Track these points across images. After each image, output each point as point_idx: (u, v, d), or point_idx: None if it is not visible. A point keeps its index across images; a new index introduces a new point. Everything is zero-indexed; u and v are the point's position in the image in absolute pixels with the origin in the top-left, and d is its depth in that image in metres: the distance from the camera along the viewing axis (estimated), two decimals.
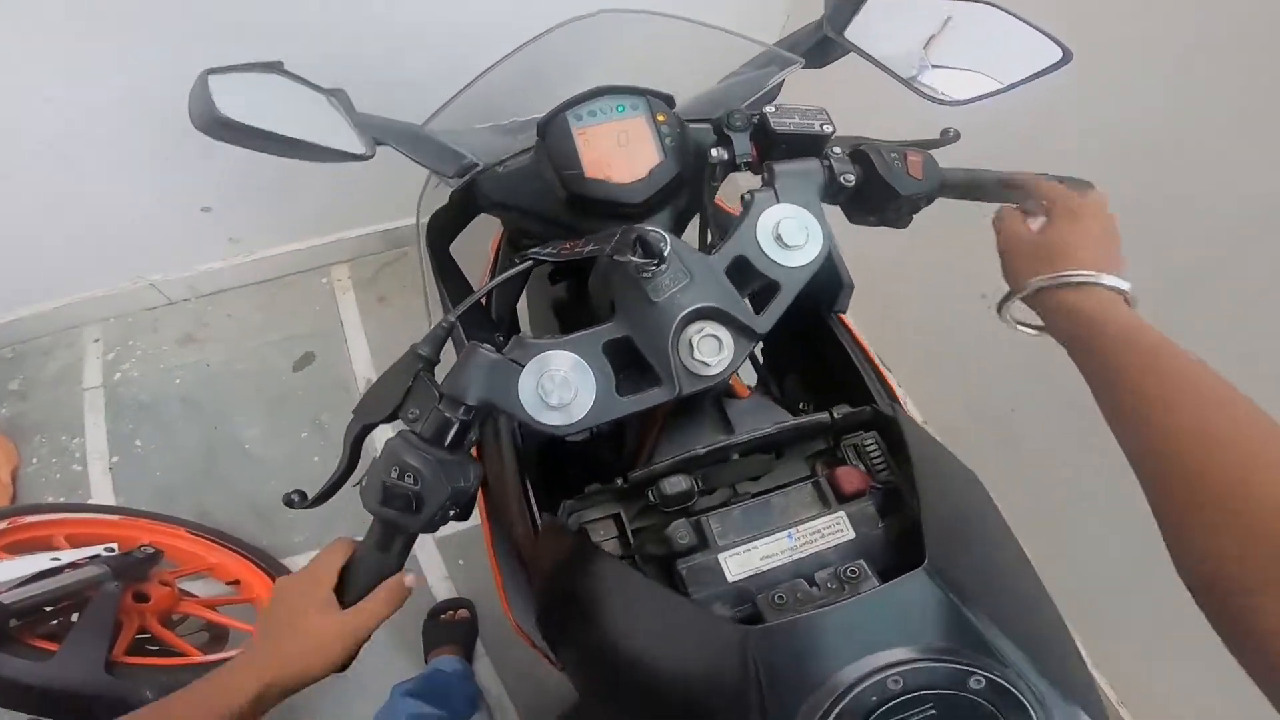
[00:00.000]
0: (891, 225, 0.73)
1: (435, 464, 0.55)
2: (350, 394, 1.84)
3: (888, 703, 0.46)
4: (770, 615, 0.55)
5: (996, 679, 0.47)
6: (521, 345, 0.57)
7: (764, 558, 0.59)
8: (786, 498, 0.63)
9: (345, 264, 2.03)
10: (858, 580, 0.56)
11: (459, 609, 1.58)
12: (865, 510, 0.62)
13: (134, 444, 1.77)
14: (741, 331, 0.61)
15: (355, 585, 0.59)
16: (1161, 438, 0.46)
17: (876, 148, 0.70)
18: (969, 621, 0.50)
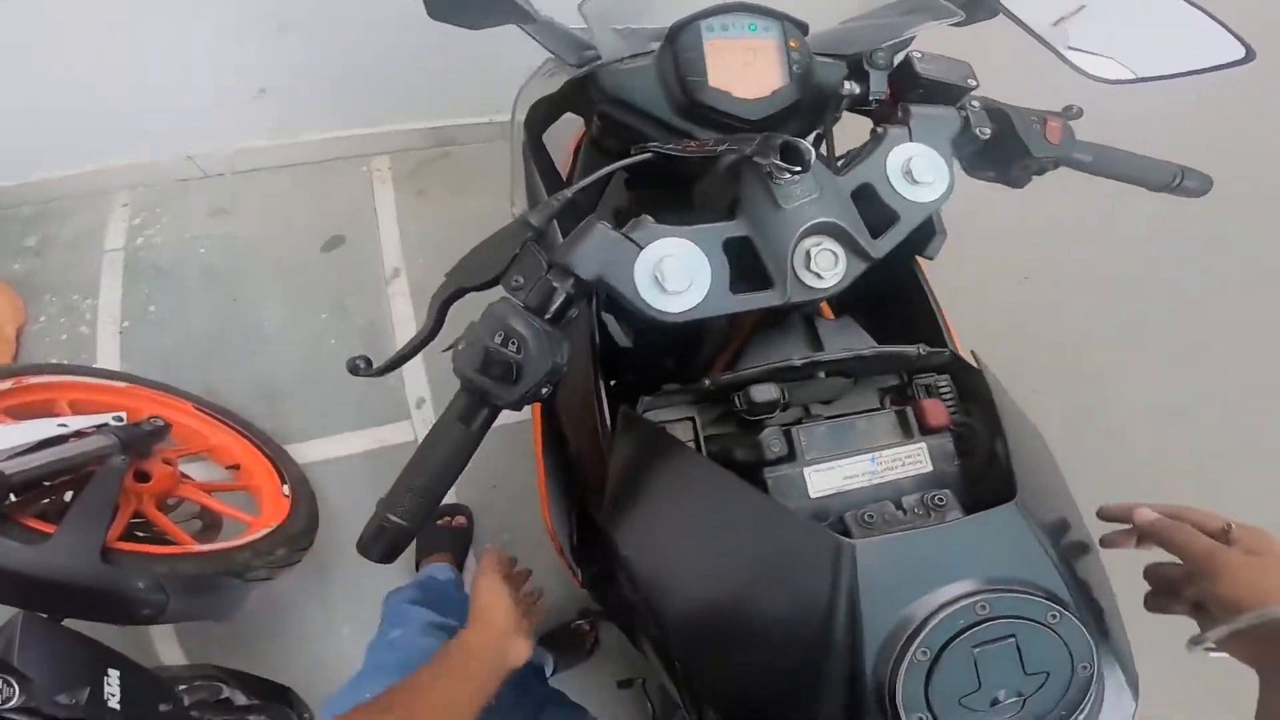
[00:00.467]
0: (1010, 184, 0.74)
1: (540, 334, 0.54)
2: (376, 281, 1.83)
3: (974, 626, 0.48)
4: (858, 533, 0.56)
5: (1070, 616, 0.49)
6: (643, 226, 0.58)
7: (846, 478, 0.60)
8: (870, 422, 0.64)
9: (387, 155, 2.00)
10: (944, 509, 0.58)
11: (456, 515, 1.58)
12: (945, 446, 0.63)
13: (148, 309, 1.75)
14: (857, 252, 0.62)
15: (431, 457, 0.57)
16: None
17: (1016, 109, 0.71)
18: (1050, 559, 0.52)
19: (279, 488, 1.45)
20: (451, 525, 1.56)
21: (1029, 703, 0.49)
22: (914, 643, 0.47)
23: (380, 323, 1.77)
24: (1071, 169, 0.73)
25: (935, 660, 0.47)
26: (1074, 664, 0.49)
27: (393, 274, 1.84)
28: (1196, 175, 0.77)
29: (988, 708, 0.48)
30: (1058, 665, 0.49)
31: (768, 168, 0.57)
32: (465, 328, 0.56)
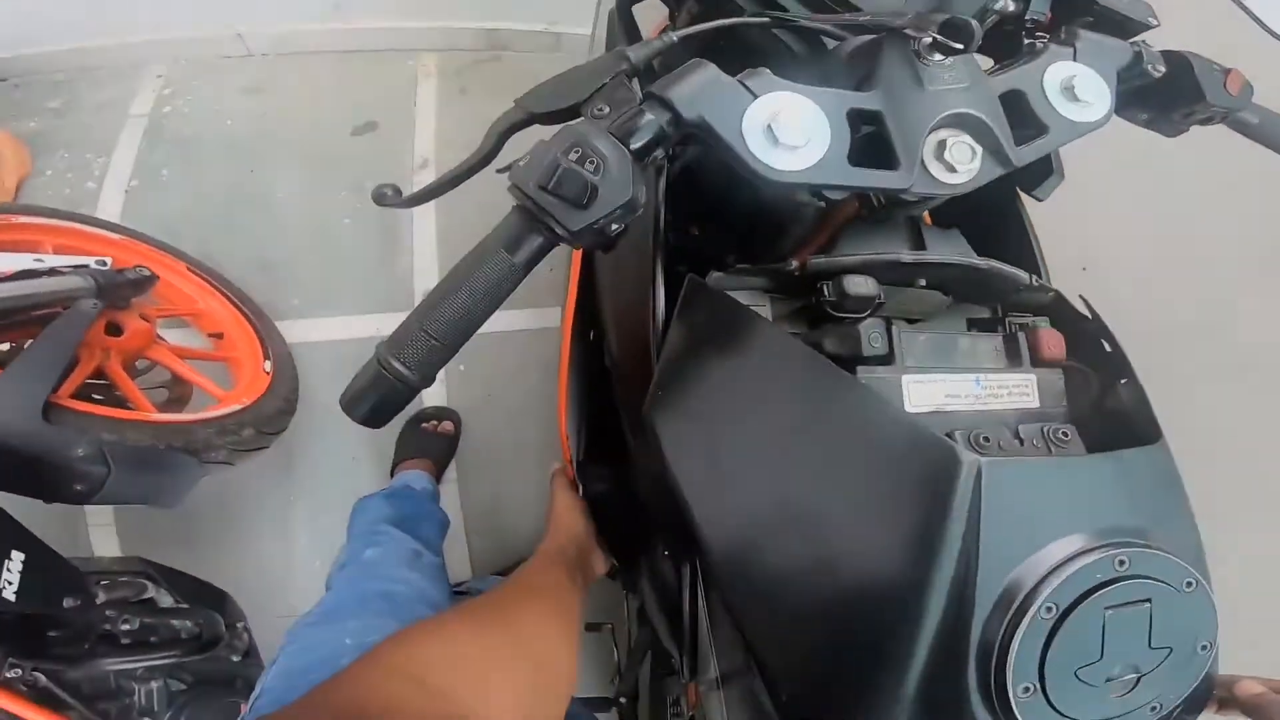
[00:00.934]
0: (1163, 131, 0.68)
1: (624, 158, 0.46)
2: (404, 168, 1.76)
3: (1110, 584, 0.40)
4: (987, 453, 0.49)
5: (1205, 586, 0.43)
6: (759, 75, 0.49)
7: (948, 395, 0.52)
8: (974, 343, 0.56)
9: (436, 53, 1.93)
10: (1068, 445, 0.50)
11: (444, 419, 1.48)
12: (1056, 383, 0.56)
13: (160, 172, 1.68)
14: (995, 154, 0.53)
15: (456, 292, 0.47)
16: None
17: (1197, 55, 0.64)
18: (1190, 519, 0.46)
19: (260, 364, 1.34)
20: (437, 430, 1.47)
21: (1143, 683, 0.42)
22: (1038, 596, 0.40)
23: (395, 216, 1.68)
24: (1233, 129, 0.68)
25: (1061, 619, 0.40)
26: (1196, 641, 0.43)
27: (421, 164, 1.77)
28: None
29: (1102, 683, 0.41)
30: (1183, 640, 0.42)
31: (920, 43, 0.50)
32: (532, 146, 0.47)
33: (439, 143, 1.79)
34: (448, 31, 1.90)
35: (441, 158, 1.77)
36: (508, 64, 1.94)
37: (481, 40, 1.93)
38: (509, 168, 0.48)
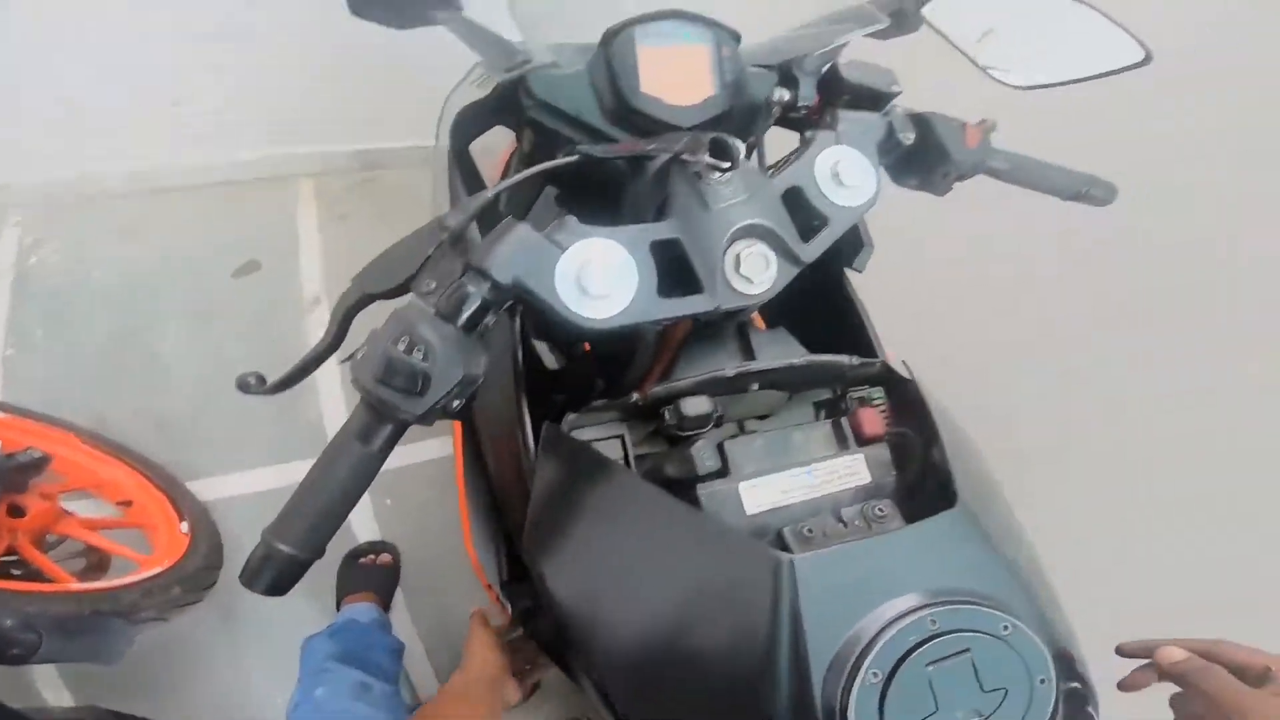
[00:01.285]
0: (932, 191, 0.75)
1: (452, 341, 0.49)
2: (294, 308, 1.73)
3: (925, 642, 0.45)
4: (798, 548, 0.54)
5: (1022, 628, 0.47)
6: (565, 227, 0.53)
7: (783, 492, 0.58)
8: (806, 435, 0.62)
9: (311, 178, 1.93)
10: (885, 520, 0.56)
11: (381, 552, 1.49)
12: (881, 456, 0.62)
13: (35, 334, 1.62)
14: (787, 256, 0.60)
15: (325, 479, 0.51)
16: None
17: (939, 115, 0.72)
18: (998, 568, 0.51)
19: (176, 525, 1.33)
20: (376, 563, 1.46)
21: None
22: (864, 663, 0.45)
23: (295, 355, 1.64)
24: (989, 176, 0.76)
25: (888, 681, 0.44)
26: (1031, 677, 0.47)
27: (313, 301, 1.75)
28: (1102, 184, 0.80)
29: None
30: (1015, 680, 0.46)
31: (696, 166, 0.56)
32: (367, 335, 0.50)
33: (328, 278, 1.78)
34: (318, 155, 1.90)
35: (334, 293, 1.73)
36: (385, 183, 1.95)
37: (355, 161, 1.94)
38: (350, 357, 0.51)
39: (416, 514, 1.54)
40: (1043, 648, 0.47)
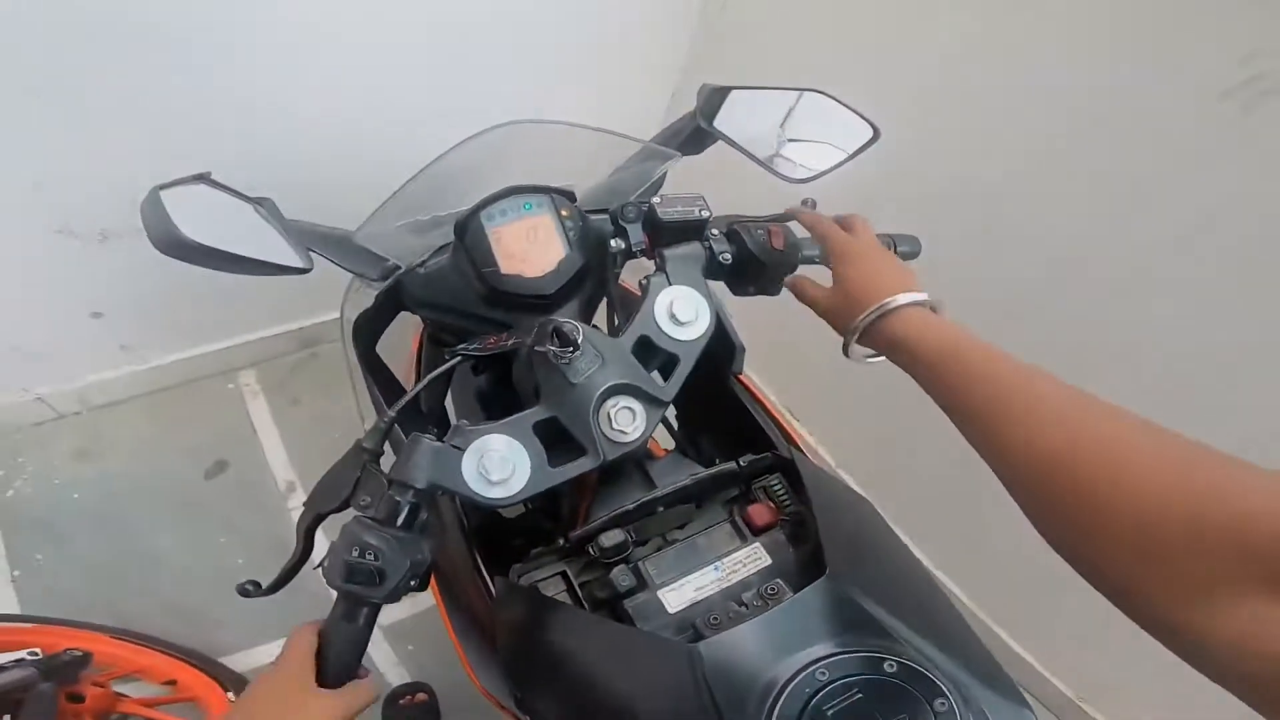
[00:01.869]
0: (765, 294, 0.83)
1: (393, 541, 0.60)
2: (272, 498, 1.81)
3: (819, 692, 0.54)
4: (709, 634, 0.62)
5: (906, 663, 0.55)
6: (461, 432, 0.64)
7: (697, 589, 0.68)
8: (710, 537, 0.72)
9: (253, 368, 2.00)
10: (779, 595, 0.65)
11: (417, 692, 1.57)
12: (777, 539, 0.72)
13: (35, 557, 1.68)
14: (651, 401, 0.69)
15: (331, 659, 0.63)
16: (1009, 452, 0.49)
17: (746, 226, 0.81)
18: (873, 617, 0.59)
19: (222, 694, 1.45)
20: (415, 702, 1.55)
21: None
22: (774, 714, 0.53)
23: (285, 537, 1.70)
24: (808, 264, 0.83)
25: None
26: (930, 704, 0.54)
27: (288, 488, 1.83)
28: (907, 239, 0.89)
29: None
30: (913, 709, 0.53)
31: (548, 354, 0.65)
32: (329, 546, 0.62)
33: (295, 463, 1.85)
34: (253, 344, 1.94)
35: (305, 476, 1.83)
36: (325, 357, 2.03)
37: (291, 342, 1.99)
38: (320, 565, 0.63)
39: (436, 652, 1.63)
40: (931, 675, 0.55)
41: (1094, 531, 0.43)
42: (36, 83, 1.23)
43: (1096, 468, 0.44)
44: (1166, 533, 0.39)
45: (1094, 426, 0.46)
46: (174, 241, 0.64)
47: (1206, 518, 0.38)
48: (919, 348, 0.61)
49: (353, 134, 1.57)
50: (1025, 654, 1.71)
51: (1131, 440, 0.44)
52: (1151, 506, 0.40)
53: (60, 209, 1.44)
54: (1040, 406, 0.50)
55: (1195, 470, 0.40)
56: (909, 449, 1.66)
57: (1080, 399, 0.49)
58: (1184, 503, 0.39)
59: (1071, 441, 0.46)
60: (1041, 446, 0.47)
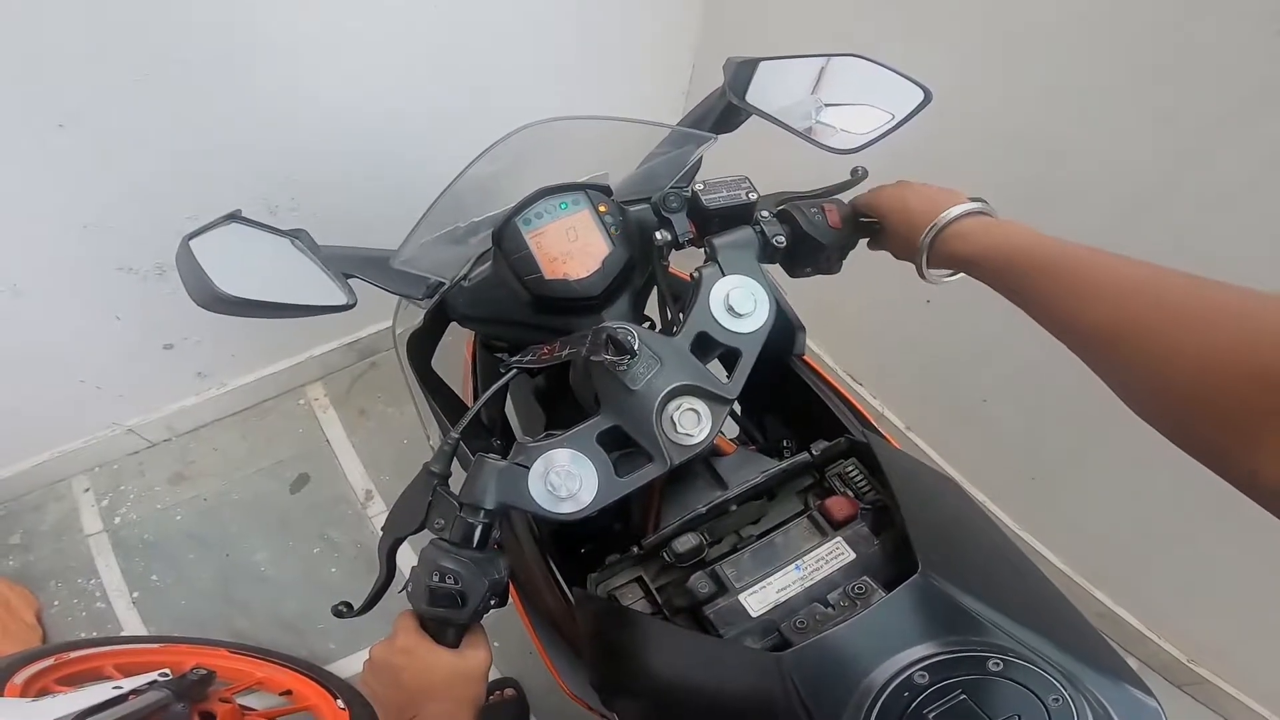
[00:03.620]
0: (825, 273, 0.80)
1: (469, 563, 0.61)
2: (353, 507, 1.88)
3: (920, 695, 0.50)
4: (795, 639, 0.60)
5: (1013, 659, 0.51)
6: (524, 450, 0.63)
7: (779, 590, 0.65)
8: (787, 534, 0.69)
9: (318, 382, 2.06)
10: (867, 594, 0.62)
11: (505, 688, 1.62)
12: (860, 531, 0.68)
13: (150, 579, 1.79)
14: (715, 400, 0.66)
15: None
16: (1080, 327, 0.52)
17: (799, 206, 0.77)
18: (974, 612, 0.56)
19: (333, 702, 1.53)
20: (505, 698, 1.62)
21: None
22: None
23: (370, 546, 1.82)
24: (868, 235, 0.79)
25: None
26: (1043, 700, 0.50)
27: (366, 497, 1.89)
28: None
29: None
30: (1025, 706, 0.50)
31: (604, 363, 0.63)
32: (410, 570, 0.63)
33: (371, 471, 1.92)
34: (316, 360, 2.00)
35: (381, 485, 1.90)
36: (383, 366, 2.07)
37: (351, 354, 2.04)
38: (404, 589, 0.64)
39: (522, 649, 1.65)
40: (1047, 669, 0.51)
41: (1167, 390, 0.44)
42: (68, 123, 1.25)
43: (1168, 334, 0.45)
44: (1230, 380, 0.40)
45: (1164, 294, 0.47)
46: (212, 297, 0.64)
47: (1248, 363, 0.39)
48: (986, 252, 0.62)
49: (381, 149, 1.59)
50: (1129, 616, 1.64)
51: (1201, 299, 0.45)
52: (1218, 360, 0.41)
53: (114, 247, 1.48)
54: (1106, 281, 0.51)
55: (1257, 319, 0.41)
56: (981, 399, 1.59)
57: (1143, 271, 0.50)
58: (1249, 356, 0.39)
59: (1148, 308, 0.47)
60: (1111, 318, 0.49)
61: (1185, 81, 1.02)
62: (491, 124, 0.82)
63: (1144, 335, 0.46)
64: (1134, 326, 0.47)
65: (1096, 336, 0.51)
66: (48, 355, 1.62)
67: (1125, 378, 0.49)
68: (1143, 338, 0.46)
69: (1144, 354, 0.46)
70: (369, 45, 1.41)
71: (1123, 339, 0.48)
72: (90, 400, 1.77)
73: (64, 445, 1.86)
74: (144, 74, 1.23)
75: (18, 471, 1.84)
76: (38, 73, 1.18)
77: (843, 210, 0.78)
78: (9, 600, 1.67)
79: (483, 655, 0.67)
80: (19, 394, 1.67)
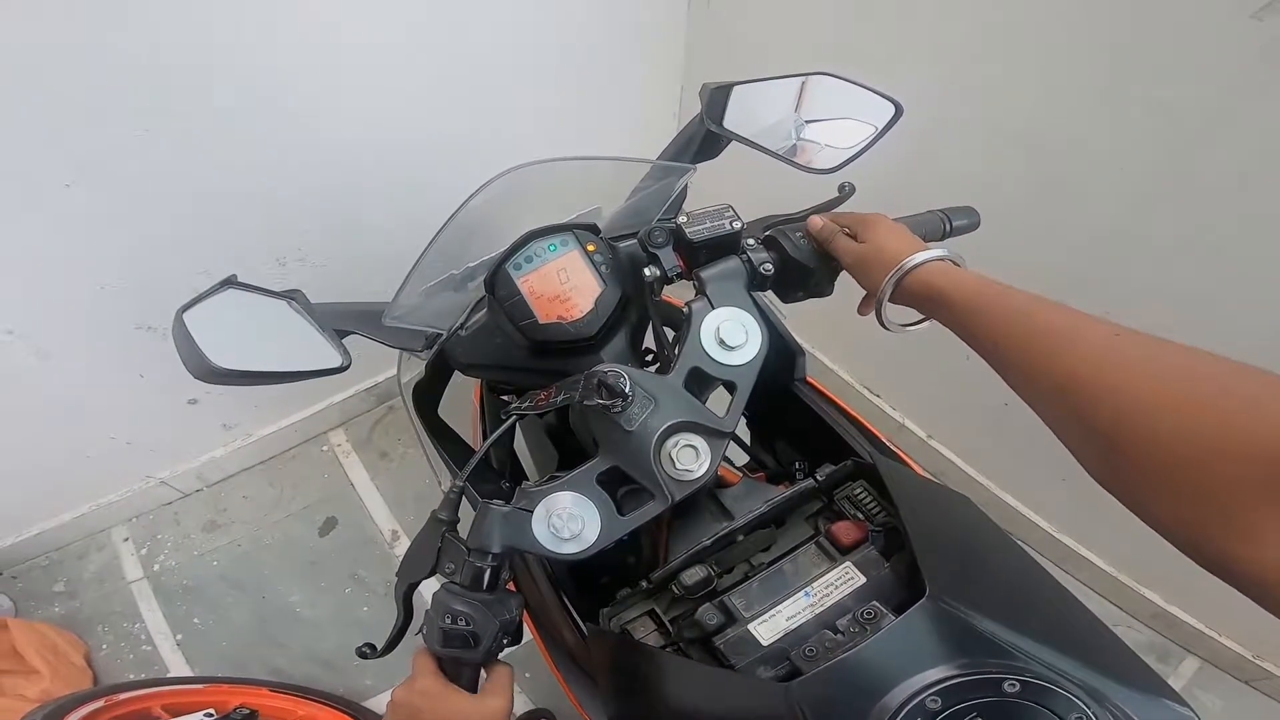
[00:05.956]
0: (818, 296, 0.79)
1: (480, 605, 0.62)
2: (380, 547, 1.92)
3: (940, 715, 0.49)
4: (806, 668, 0.59)
5: (1031, 680, 0.50)
6: (527, 494, 0.64)
7: (789, 618, 0.64)
8: (795, 562, 0.69)
9: (340, 428, 2.11)
10: (876, 619, 0.61)
11: (539, 717, 1.63)
12: (869, 555, 0.67)
13: (192, 621, 1.86)
14: (712, 434, 0.66)
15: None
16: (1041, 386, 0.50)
17: (784, 231, 0.76)
18: (988, 633, 0.54)
19: None
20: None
21: None
22: None
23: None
24: None
25: None
26: (1064, 718, 0.49)
27: (392, 537, 1.94)
28: (962, 212, 0.82)
29: None
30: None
31: (597, 407, 0.64)
32: (423, 614, 0.65)
33: (396, 512, 1.97)
34: (335, 407, 2.04)
35: (406, 524, 1.94)
36: (401, 410, 2.08)
37: (368, 399, 2.07)
38: (420, 632, 0.65)
39: (552, 681, 1.65)
40: (1067, 688, 0.50)
41: (1125, 462, 0.42)
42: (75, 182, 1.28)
43: (1127, 400, 0.43)
44: (1196, 453, 0.38)
45: (1124, 361, 0.45)
46: (206, 370, 0.65)
47: (1236, 435, 0.36)
48: (951, 296, 0.61)
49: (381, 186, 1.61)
50: (1185, 616, 1.60)
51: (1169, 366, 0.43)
52: (1181, 432, 0.39)
53: (131, 306, 1.52)
54: (1062, 341, 0.50)
55: (1225, 390, 0.39)
56: (1003, 403, 1.56)
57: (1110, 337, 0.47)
58: (1211, 421, 0.37)
59: (1098, 373, 0.45)
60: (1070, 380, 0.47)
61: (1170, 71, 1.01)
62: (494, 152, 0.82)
63: (1117, 401, 0.43)
64: (1112, 394, 0.44)
65: (1064, 397, 0.48)
66: (78, 414, 1.68)
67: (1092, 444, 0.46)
68: (1116, 405, 0.43)
69: (1116, 425, 0.43)
70: (367, 90, 1.43)
71: (1101, 401, 0.45)
72: (122, 455, 1.83)
73: (101, 498, 1.92)
74: (145, 129, 1.26)
75: (59, 523, 1.91)
76: (44, 133, 1.20)
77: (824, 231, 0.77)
78: (57, 645, 1.73)
79: (500, 703, 0.65)
80: (54, 451, 1.73)
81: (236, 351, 0.67)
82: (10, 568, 1.92)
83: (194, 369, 0.67)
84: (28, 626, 1.72)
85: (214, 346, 0.65)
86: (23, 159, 1.21)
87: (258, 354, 0.69)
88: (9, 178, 1.22)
